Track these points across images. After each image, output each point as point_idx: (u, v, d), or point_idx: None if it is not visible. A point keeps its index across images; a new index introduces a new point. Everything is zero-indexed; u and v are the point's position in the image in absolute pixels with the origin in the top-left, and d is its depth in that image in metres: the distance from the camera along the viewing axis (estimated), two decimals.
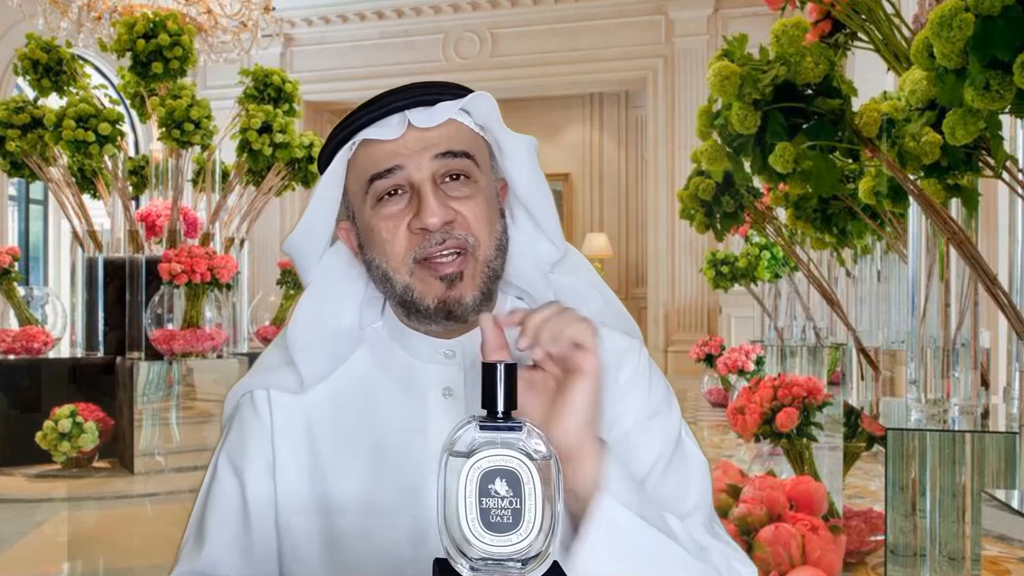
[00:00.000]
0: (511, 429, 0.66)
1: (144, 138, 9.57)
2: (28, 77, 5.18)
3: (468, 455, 0.65)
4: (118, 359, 4.83)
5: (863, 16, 1.64)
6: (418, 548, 0.93)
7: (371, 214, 0.94)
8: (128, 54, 4.94)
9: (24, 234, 9.79)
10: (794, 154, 1.63)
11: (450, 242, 0.92)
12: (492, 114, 0.96)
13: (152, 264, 4.66)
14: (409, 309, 0.95)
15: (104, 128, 4.77)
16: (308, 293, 1.01)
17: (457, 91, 0.96)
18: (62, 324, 5.42)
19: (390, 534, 0.94)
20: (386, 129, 0.93)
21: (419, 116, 0.93)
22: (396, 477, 0.95)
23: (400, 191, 0.93)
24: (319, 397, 0.99)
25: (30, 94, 5.29)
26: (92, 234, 5.33)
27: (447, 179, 0.93)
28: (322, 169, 0.99)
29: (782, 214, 3.12)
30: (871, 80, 3.43)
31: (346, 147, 0.96)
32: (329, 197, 0.98)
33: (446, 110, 0.93)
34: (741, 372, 5.63)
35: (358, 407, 0.98)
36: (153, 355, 4.57)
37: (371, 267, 0.96)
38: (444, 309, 0.93)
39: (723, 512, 2.43)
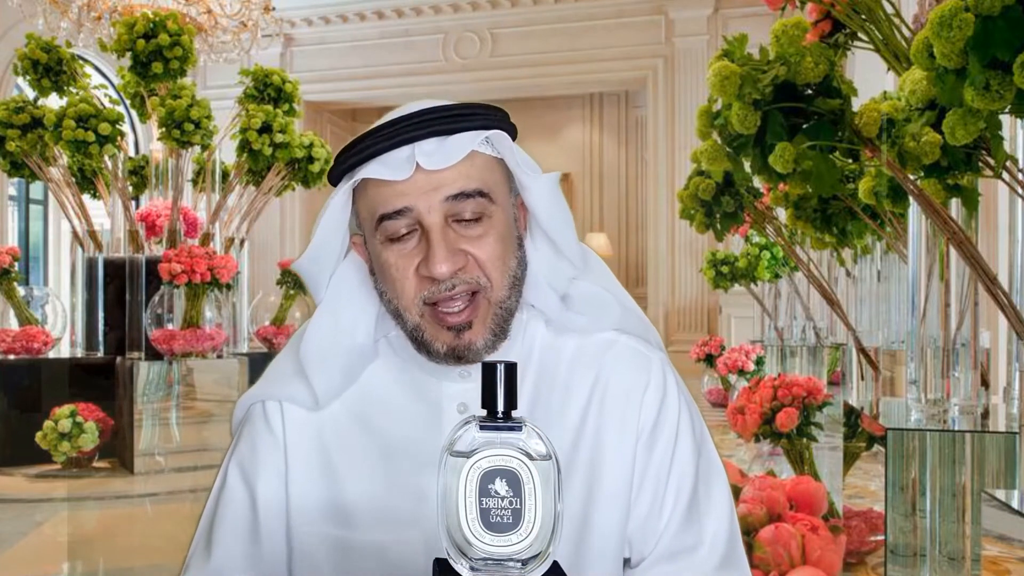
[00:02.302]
0: (511, 429, 0.66)
1: (144, 138, 9.57)
2: (28, 77, 5.17)
3: (468, 455, 0.65)
4: (118, 359, 4.82)
5: (863, 16, 1.64)
6: (430, 562, 0.91)
7: (381, 248, 0.92)
8: (128, 54, 4.94)
9: (24, 234, 9.79)
10: (794, 154, 1.63)
11: (460, 287, 0.90)
12: (509, 153, 0.92)
13: (152, 264, 4.65)
14: (419, 347, 0.94)
15: (104, 128, 4.77)
16: (321, 310, 0.99)
17: (475, 117, 0.90)
18: (62, 324, 5.42)
19: (402, 548, 0.93)
20: (392, 168, 0.88)
21: (429, 154, 0.88)
22: (409, 491, 0.94)
23: (411, 230, 0.90)
24: (332, 411, 0.98)
25: (30, 94, 5.29)
26: (92, 234, 5.33)
27: (460, 217, 0.90)
28: (333, 183, 0.96)
29: (782, 214, 3.12)
30: (871, 80, 3.43)
31: (352, 177, 0.92)
32: (336, 221, 0.96)
33: (462, 145, 0.88)
34: (741, 372, 5.62)
35: (371, 421, 0.98)
36: (153, 355, 4.57)
37: (382, 297, 0.95)
38: (454, 355, 0.92)
39: None
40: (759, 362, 5.68)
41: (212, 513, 0.99)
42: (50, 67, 5.17)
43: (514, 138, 0.95)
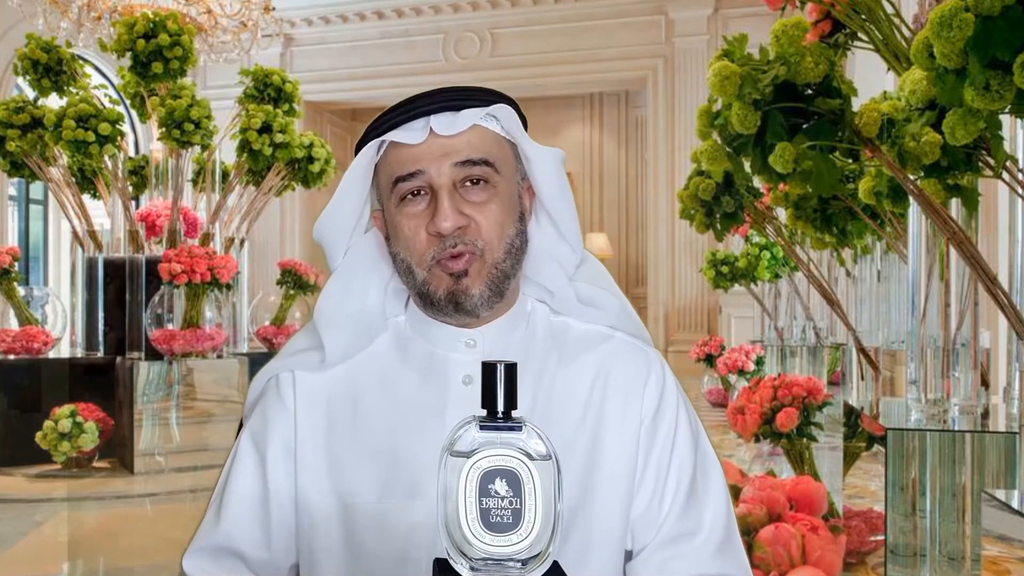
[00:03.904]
0: (511, 429, 0.66)
1: (144, 138, 9.57)
2: (28, 77, 5.17)
3: (468, 455, 0.65)
4: (118, 359, 4.82)
5: (863, 16, 1.64)
6: (433, 534, 0.95)
7: (395, 211, 1.00)
8: (128, 54, 4.94)
9: (24, 234, 9.79)
10: (794, 154, 1.63)
11: (460, 247, 0.97)
12: (515, 124, 1.00)
13: (152, 264, 4.66)
14: (425, 301, 1.00)
15: (104, 128, 4.77)
16: (336, 275, 1.06)
17: (486, 97, 1.00)
18: (62, 324, 5.42)
19: (405, 516, 0.97)
20: (410, 133, 0.98)
21: (442, 123, 0.97)
22: (413, 461, 0.98)
23: (422, 192, 0.98)
24: (341, 379, 1.04)
25: (30, 94, 5.29)
26: (92, 234, 5.33)
27: (467, 183, 0.98)
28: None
29: (782, 214, 3.12)
30: (871, 80, 3.43)
31: (374, 146, 1.01)
32: (355, 188, 1.03)
33: (470, 117, 0.97)
34: (741, 372, 5.62)
35: (378, 391, 1.02)
36: (153, 355, 4.57)
37: (396, 259, 1.02)
38: (453, 300, 0.98)
39: None
40: (759, 362, 5.68)
41: (224, 483, 1.04)
42: (50, 67, 5.17)
43: (524, 127, 1.02)
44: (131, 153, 6.71)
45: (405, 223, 0.99)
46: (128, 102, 5.55)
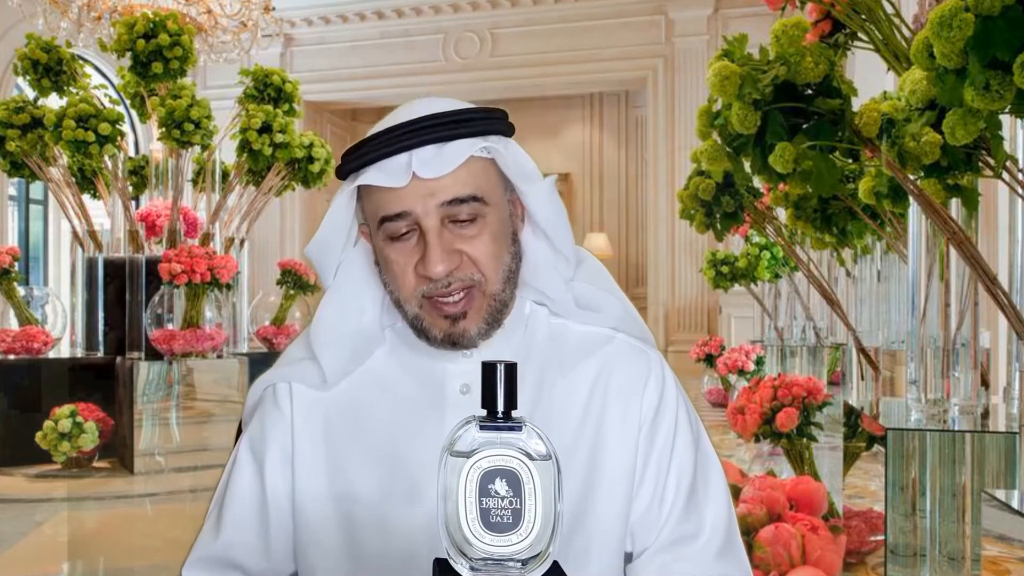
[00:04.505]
0: (511, 429, 0.66)
1: (144, 138, 9.57)
2: (28, 77, 5.17)
3: (468, 455, 0.65)
4: (118, 359, 4.82)
5: (863, 16, 1.64)
6: (433, 538, 0.94)
7: (383, 244, 0.97)
8: (128, 54, 4.94)
9: (24, 234, 9.79)
10: (794, 154, 1.63)
11: (455, 284, 0.95)
12: (508, 161, 0.96)
13: (152, 264, 4.66)
14: (418, 334, 0.99)
15: (104, 128, 4.77)
16: (330, 293, 1.04)
17: (473, 122, 0.94)
18: (62, 324, 5.42)
19: (405, 524, 0.96)
20: (390, 174, 0.92)
21: (426, 161, 0.92)
22: (411, 470, 0.97)
23: (410, 230, 0.95)
24: (339, 391, 1.03)
25: (30, 94, 5.29)
26: (92, 234, 5.33)
27: (457, 215, 0.94)
28: (341, 178, 1.01)
29: (782, 214, 3.12)
30: (871, 80, 3.43)
31: (354, 180, 0.97)
32: (340, 216, 1.00)
33: (457, 154, 0.92)
34: (741, 372, 5.62)
35: (376, 402, 1.01)
36: (153, 355, 4.57)
37: (386, 286, 1.00)
38: (449, 340, 0.97)
39: None
40: (759, 362, 5.68)
41: (223, 492, 1.04)
42: (50, 67, 5.17)
43: (510, 135, 0.99)
44: (131, 153, 6.72)
45: (393, 259, 0.96)
46: (128, 102, 5.55)
